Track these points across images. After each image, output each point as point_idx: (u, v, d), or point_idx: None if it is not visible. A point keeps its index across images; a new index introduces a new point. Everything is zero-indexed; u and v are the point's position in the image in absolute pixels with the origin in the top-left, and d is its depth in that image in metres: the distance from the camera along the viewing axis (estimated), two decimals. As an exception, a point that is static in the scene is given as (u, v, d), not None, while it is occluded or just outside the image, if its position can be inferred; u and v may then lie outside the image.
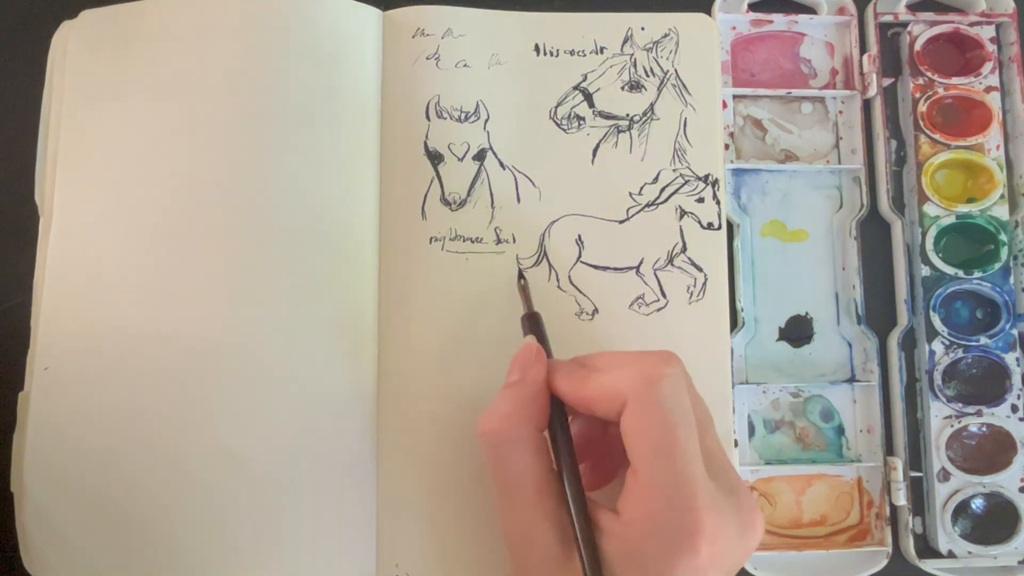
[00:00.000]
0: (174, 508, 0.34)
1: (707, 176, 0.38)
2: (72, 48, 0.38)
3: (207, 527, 0.34)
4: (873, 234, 0.40)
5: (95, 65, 0.37)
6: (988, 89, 0.40)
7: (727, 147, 0.40)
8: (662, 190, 0.38)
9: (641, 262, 0.37)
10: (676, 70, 0.39)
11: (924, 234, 0.39)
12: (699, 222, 0.38)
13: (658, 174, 0.38)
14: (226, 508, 0.34)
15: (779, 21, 0.41)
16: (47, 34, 0.38)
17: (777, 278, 0.39)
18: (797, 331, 0.39)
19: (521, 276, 0.36)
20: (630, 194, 0.38)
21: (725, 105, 0.40)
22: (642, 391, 0.27)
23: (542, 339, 0.32)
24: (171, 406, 0.34)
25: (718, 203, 0.38)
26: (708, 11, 0.40)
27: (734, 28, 0.41)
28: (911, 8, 0.41)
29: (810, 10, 0.41)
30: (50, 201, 0.36)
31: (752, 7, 0.41)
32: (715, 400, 0.36)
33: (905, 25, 0.41)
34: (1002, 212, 0.39)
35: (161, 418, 0.34)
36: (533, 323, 0.33)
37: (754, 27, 0.41)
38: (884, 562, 0.37)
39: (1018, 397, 0.38)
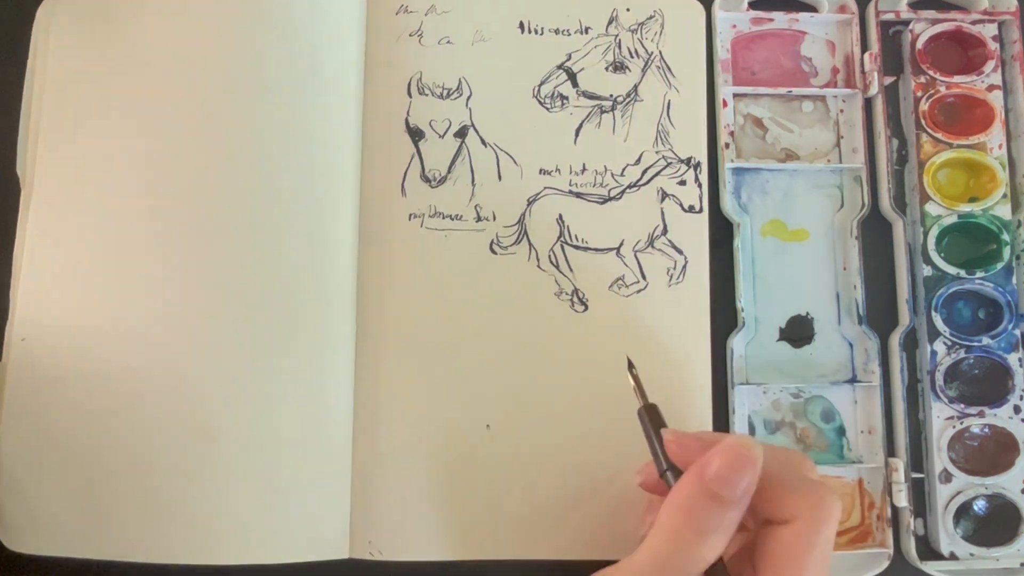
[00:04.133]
0: (150, 482, 0.34)
1: (690, 159, 0.38)
2: (55, 24, 0.38)
3: (183, 502, 0.34)
4: (874, 233, 0.39)
5: (78, 40, 0.38)
6: (990, 88, 0.40)
7: (727, 146, 0.39)
8: (644, 172, 0.38)
9: (622, 243, 0.37)
10: (660, 52, 0.39)
11: (926, 234, 0.38)
12: (680, 205, 0.38)
13: (640, 155, 0.38)
14: (202, 483, 0.34)
15: (780, 19, 0.41)
16: (31, 9, 0.38)
17: (778, 278, 0.39)
18: (798, 331, 0.39)
19: (631, 365, 0.33)
20: (612, 175, 0.38)
21: (725, 104, 0.40)
22: (816, 519, 0.27)
23: (660, 431, 0.30)
24: (148, 379, 0.35)
25: (700, 186, 0.38)
26: (709, 9, 0.40)
27: (734, 26, 0.41)
28: (913, 6, 0.41)
29: (811, 8, 0.41)
30: (31, 174, 0.37)
31: (752, 5, 0.41)
32: (695, 390, 0.36)
33: (907, 23, 0.41)
34: (1004, 211, 0.39)
35: (138, 391, 0.35)
36: (654, 417, 0.31)
37: (755, 25, 0.41)
38: (885, 564, 0.36)
39: (1020, 398, 0.37)
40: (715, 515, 0.26)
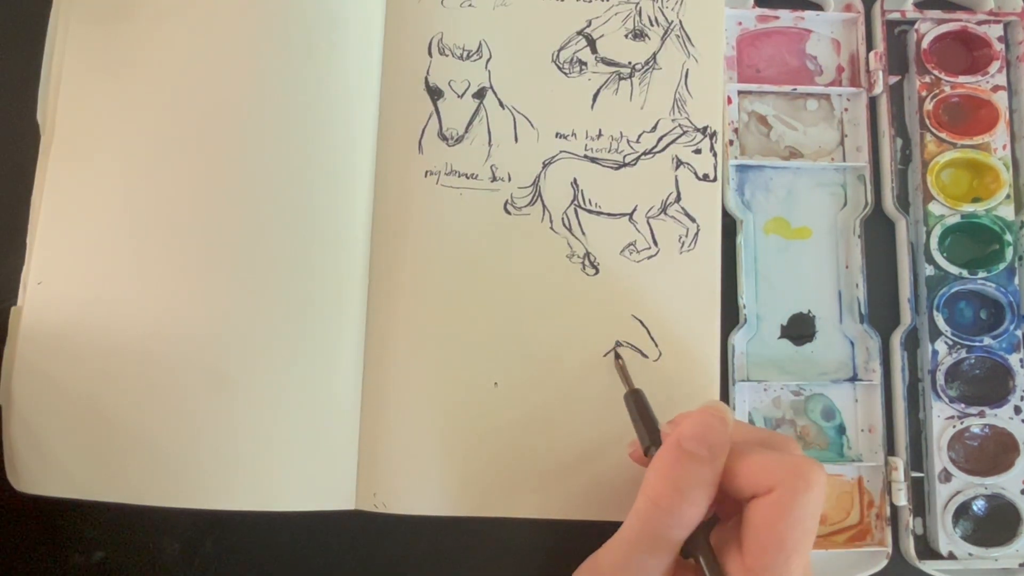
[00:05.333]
0: (160, 427, 0.35)
1: (705, 128, 0.38)
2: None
3: (192, 447, 0.35)
4: (877, 232, 0.39)
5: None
6: (995, 88, 0.40)
7: (731, 143, 0.39)
8: (660, 139, 0.38)
9: (635, 209, 0.37)
10: (680, 21, 0.39)
11: (928, 233, 0.38)
12: (695, 173, 0.37)
13: (657, 123, 0.38)
14: (212, 429, 0.35)
15: (785, 17, 0.41)
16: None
17: (780, 275, 0.39)
18: (799, 329, 0.39)
19: (618, 356, 0.36)
20: (628, 141, 0.38)
21: (730, 101, 0.40)
22: (794, 486, 0.27)
23: (647, 415, 0.32)
24: (161, 325, 0.35)
25: (715, 155, 0.38)
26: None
27: (740, 24, 0.41)
28: (918, 6, 0.41)
29: (817, 6, 0.41)
30: (51, 121, 0.37)
31: (758, 3, 0.41)
32: (703, 357, 0.36)
33: (912, 23, 0.41)
34: (1008, 212, 0.39)
35: (151, 337, 0.35)
36: (639, 401, 0.33)
37: (760, 23, 0.41)
38: (884, 563, 0.36)
39: (1021, 398, 0.37)
40: (691, 472, 0.28)
